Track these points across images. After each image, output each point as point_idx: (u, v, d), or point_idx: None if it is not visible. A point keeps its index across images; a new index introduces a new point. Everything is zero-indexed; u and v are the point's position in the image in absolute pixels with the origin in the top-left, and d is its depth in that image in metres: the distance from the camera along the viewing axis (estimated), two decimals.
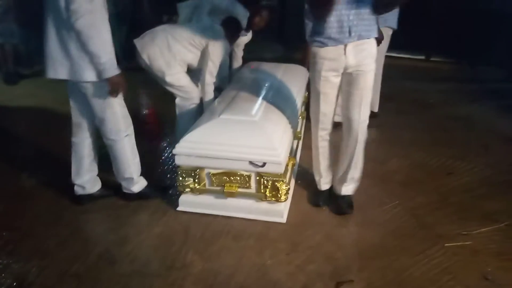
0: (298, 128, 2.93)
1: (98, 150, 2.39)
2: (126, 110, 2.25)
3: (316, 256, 2.01)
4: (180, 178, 2.29)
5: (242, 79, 3.12)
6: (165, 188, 2.51)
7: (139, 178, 2.40)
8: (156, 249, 2.07)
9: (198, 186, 2.28)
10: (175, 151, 2.23)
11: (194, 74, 2.93)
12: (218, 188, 2.27)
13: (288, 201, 2.35)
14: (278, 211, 2.26)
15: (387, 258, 2.00)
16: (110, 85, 2.04)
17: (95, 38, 1.92)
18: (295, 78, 3.14)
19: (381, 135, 3.44)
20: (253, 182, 2.23)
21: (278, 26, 6.28)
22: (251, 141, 2.17)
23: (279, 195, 2.21)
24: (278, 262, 1.97)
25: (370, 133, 3.39)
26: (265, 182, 2.20)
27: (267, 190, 2.21)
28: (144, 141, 2.95)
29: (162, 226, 2.23)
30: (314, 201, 2.43)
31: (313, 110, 2.24)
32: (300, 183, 2.64)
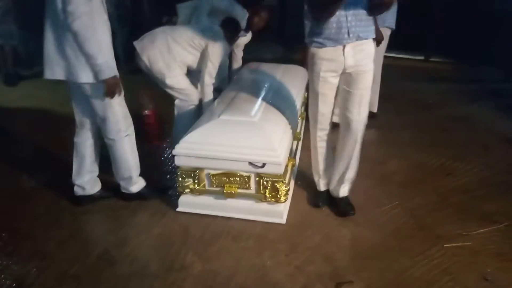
0: (298, 128, 2.93)
1: (99, 150, 2.39)
2: (127, 110, 2.25)
3: (315, 257, 2.01)
4: (179, 179, 2.29)
5: (241, 80, 3.13)
6: (164, 189, 2.51)
7: (138, 178, 2.40)
8: (155, 250, 2.07)
9: (197, 187, 2.28)
10: (175, 152, 2.23)
11: (194, 75, 2.93)
12: (218, 188, 2.28)
13: (287, 202, 2.35)
14: (277, 212, 2.26)
15: (387, 258, 2.00)
16: (106, 86, 2.04)
17: (91, 40, 1.92)
18: (295, 79, 3.14)
19: (380, 136, 3.45)
20: (252, 183, 2.24)
21: (278, 27, 6.28)
22: (251, 142, 2.17)
23: (279, 196, 2.21)
24: (278, 263, 1.97)
25: (369, 133, 3.40)
26: (264, 183, 2.20)
27: (267, 191, 2.21)
28: (145, 142, 2.98)
29: (162, 227, 2.23)
30: (314, 202, 2.43)
31: (311, 110, 2.25)
32: (299, 184, 2.64)
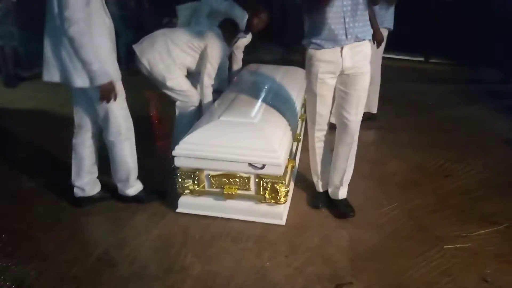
0: (298, 130, 2.93)
1: (99, 152, 2.39)
2: (128, 113, 2.25)
3: (315, 258, 2.01)
4: (179, 180, 2.29)
5: (241, 81, 3.13)
6: (161, 193, 2.49)
7: (135, 181, 2.40)
8: (155, 251, 2.07)
9: (197, 188, 2.29)
10: (175, 153, 2.24)
11: (194, 77, 2.93)
12: (218, 190, 2.28)
13: (287, 203, 2.35)
14: (277, 213, 2.26)
15: (386, 260, 2.00)
16: (101, 92, 2.04)
17: (87, 46, 1.92)
18: (295, 81, 3.15)
19: (379, 137, 3.45)
20: (252, 184, 2.24)
21: (278, 28, 6.28)
22: (251, 143, 2.17)
23: (279, 197, 2.21)
24: (277, 264, 1.97)
25: (368, 134, 3.43)
26: (264, 184, 2.20)
27: (267, 192, 2.21)
28: (152, 143, 2.98)
29: (161, 228, 2.23)
30: (313, 203, 2.43)
31: (309, 111, 2.25)
32: (299, 185, 2.64)
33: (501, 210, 2.38)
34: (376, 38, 3.09)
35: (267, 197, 2.22)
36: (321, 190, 2.45)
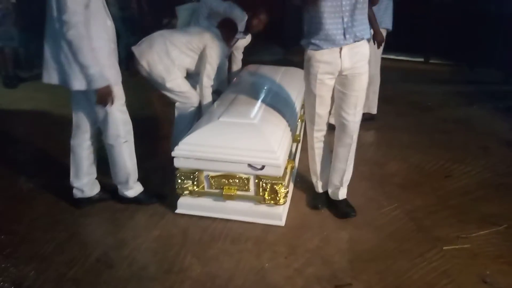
0: (297, 131, 2.93)
1: (97, 153, 2.39)
2: (127, 116, 2.25)
3: (314, 259, 2.00)
4: (179, 181, 2.29)
5: (241, 82, 3.13)
6: (161, 196, 2.48)
7: (135, 184, 2.40)
8: (154, 252, 2.06)
9: (197, 189, 2.28)
10: (174, 154, 2.23)
11: (193, 78, 2.93)
12: (217, 190, 2.27)
13: (286, 204, 2.35)
14: (276, 214, 2.26)
15: (386, 261, 1.99)
16: (98, 96, 2.05)
17: (85, 49, 1.93)
18: (294, 81, 3.14)
19: (379, 138, 3.45)
20: (252, 185, 2.23)
21: (278, 29, 6.28)
22: (250, 144, 2.17)
23: (278, 198, 2.21)
24: (277, 265, 1.97)
25: (368, 135, 3.43)
26: (264, 185, 2.20)
27: (266, 193, 2.21)
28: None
29: (160, 229, 2.23)
30: (313, 204, 2.43)
31: (308, 112, 2.25)
32: (299, 186, 2.64)
33: (501, 211, 2.38)
34: (376, 39, 3.09)
35: (267, 198, 2.21)
36: (320, 190, 2.45)
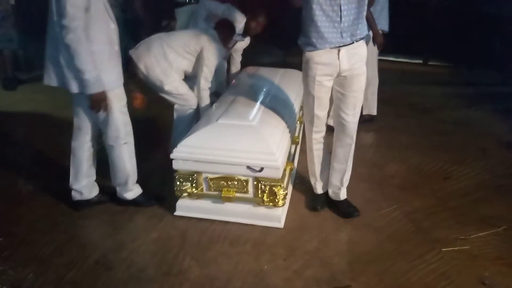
0: (296, 132, 2.93)
1: (97, 155, 2.39)
2: (127, 118, 2.25)
3: (313, 261, 2.00)
4: (177, 183, 2.28)
5: (240, 84, 3.13)
6: (160, 198, 2.47)
7: (134, 185, 2.40)
8: (153, 254, 2.06)
9: (195, 191, 2.28)
10: (173, 156, 2.23)
11: (191, 80, 2.93)
12: (216, 192, 2.27)
13: (285, 206, 2.35)
14: (275, 216, 2.26)
15: (385, 263, 1.99)
16: (91, 101, 2.05)
17: (82, 54, 1.93)
18: (293, 83, 3.14)
19: (379, 139, 3.45)
20: (250, 187, 2.23)
21: (277, 31, 6.29)
22: (249, 145, 2.17)
23: (277, 200, 2.20)
24: (275, 267, 1.96)
25: (367, 137, 3.43)
26: (262, 187, 2.20)
27: (265, 195, 2.21)
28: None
29: (159, 231, 2.23)
30: (312, 205, 2.43)
31: (307, 113, 2.25)
32: (297, 188, 2.64)
33: (500, 212, 2.38)
34: (376, 41, 3.10)
35: (265, 200, 2.21)
36: (319, 192, 2.45)
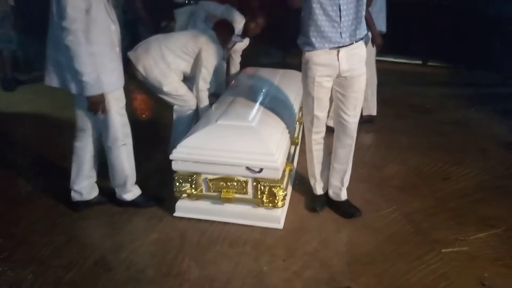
0: (296, 133, 2.93)
1: (99, 157, 2.38)
2: (126, 119, 2.25)
3: (313, 262, 2.00)
4: (177, 184, 2.28)
5: (239, 85, 3.13)
6: (159, 199, 2.47)
7: (133, 187, 2.40)
8: (152, 255, 2.06)
9: (195, 192, 2.28)
10: (172, 157, 2.23)
11: (189, 81, 2.93)
12: (215, 193, 2.27)
13: (285, 207, 2.35)
14: (275, 217, 2.26)
15: (384, 264, 1.99)
16: (90, 103, 2.05)
17: (81, 56, 1.94)
18: (293, 84, 3.14)
19: (378, 140, 3.45)
20: (250, 188, 2.23)
21: (276, 32, 6.29)
22: (248, 146, 2.17)
23: (276, 201, 2.20)
24: (275, 268, 1.96)
25: (367, 137, 3.43)
26: (262, 187, 2.20)
27: (264, 195, 2.21)
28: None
29: (159, 232, 2.23)
30: (311, 206, 2.43)
31: (306, 114, 2.25)
32: (297, 189, 2.64)
33: (499, 213, 2.38)
34: (375, 42, 3.10)
35: (265, 201, 2.21)
36: (318, 193, 2.45)
